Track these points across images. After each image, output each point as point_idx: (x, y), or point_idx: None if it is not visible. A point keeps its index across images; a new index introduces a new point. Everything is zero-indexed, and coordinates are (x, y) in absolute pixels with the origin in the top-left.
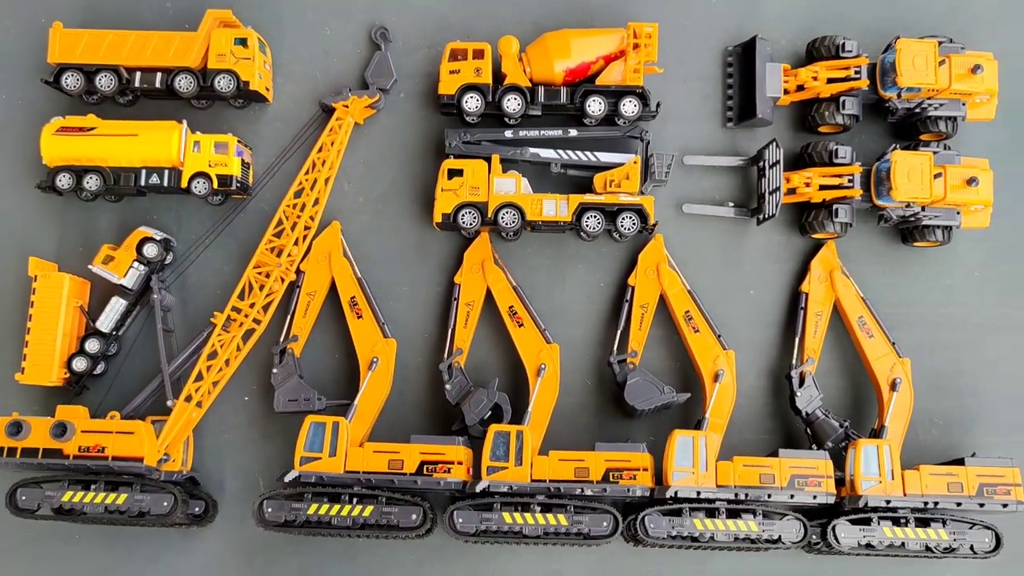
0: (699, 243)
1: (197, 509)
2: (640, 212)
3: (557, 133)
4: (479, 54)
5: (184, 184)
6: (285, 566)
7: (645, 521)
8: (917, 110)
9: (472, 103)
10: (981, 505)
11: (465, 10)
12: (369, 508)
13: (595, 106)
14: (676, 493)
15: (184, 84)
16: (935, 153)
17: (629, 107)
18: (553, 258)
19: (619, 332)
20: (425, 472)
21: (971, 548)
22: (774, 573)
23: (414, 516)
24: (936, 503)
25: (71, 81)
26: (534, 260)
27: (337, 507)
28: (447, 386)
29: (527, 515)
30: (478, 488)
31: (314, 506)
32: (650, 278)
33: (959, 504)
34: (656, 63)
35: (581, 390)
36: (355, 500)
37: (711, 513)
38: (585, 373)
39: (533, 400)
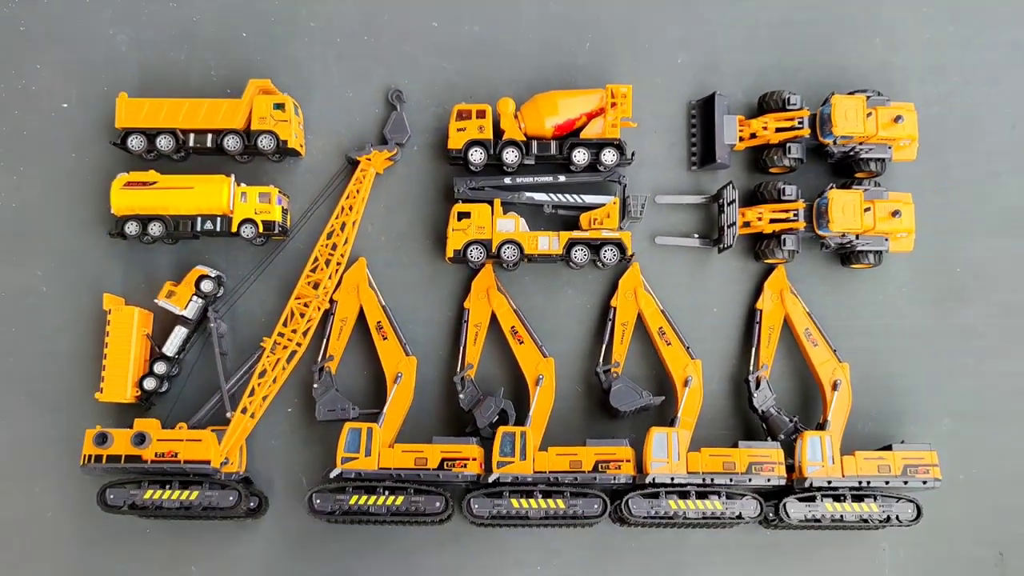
0: (670, 269)
1: (252, 504)
2: (620, 245)
3: (548, 179)
4: (481, 114)
5: (234, 229)
6: (327, 551)
7: (629, 503)
8: (851, 153)
9: (476, 156)
10: (905, 483)
11: (468, 73)
12: (400, 498)
13: (580, 156)
14: (654, 479)
15: (232, 143)
16: (866, 190)
17: (609, 156)
18: (547, 285)
19: (604, 346)
20: (445, 467)
21: (897, 518)
22: (736, 544)
23: (438, 504)
24: (868, 482)
25: (136, 143)
26: (531, 287)
27: (374, 498)
28: (460, 395)
29: (531, 500)
30: (490, 479)
31: (355, 497)
32: (629, 300)
33: (887, 483)
34: (631, 118)
35: (573, 396)
36: (388, 492)
37: (683, 495)
38: (576, 381)
39: (533, 405)
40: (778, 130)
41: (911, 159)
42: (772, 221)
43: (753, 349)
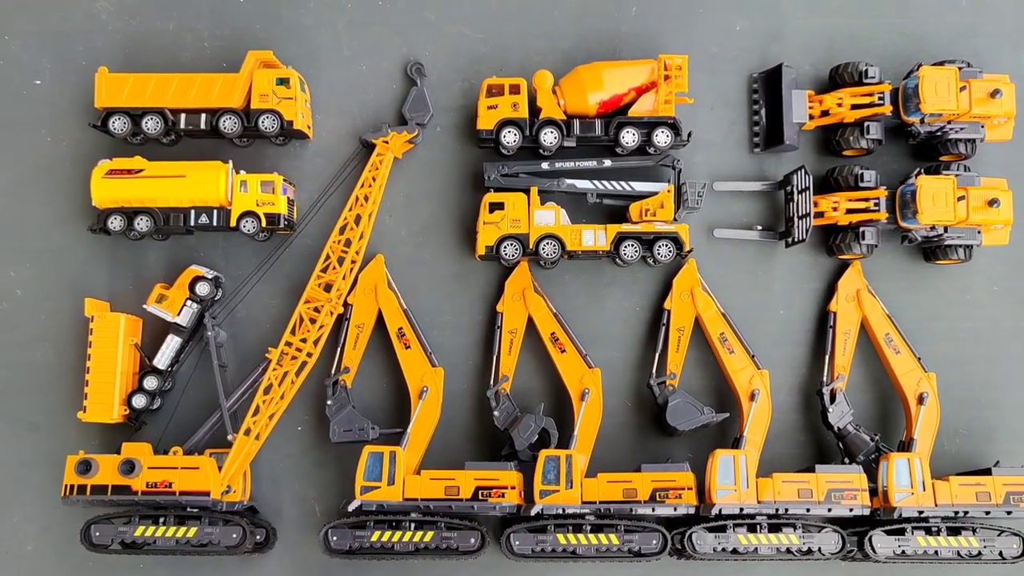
0: (730, 267)
1: (258, 537)
2: (675, 239)
3: (592, 164)
4: (515, 89)
5: (233, 223)
6: None
7: (692, 538)
8: (938, 133)
9: (510, 137)
10: (1008, 513)
11: (498, 43)
12: (430, 534)
13: (629, 137)
14: (721, 510)
15: (229, 125)
16: (957, 175)
17: (662, 137)
18: (590, 284)
19: (657, 355)
20: (480, 497)
21: (999, 554)
22: None
23: (472, 540)
24: (966, 512)
25: (118, 125)
26: (571, 287)
27: (399, 534)
28: (495, 412)
29: (580, 536)
30: (532, 512)
31: (376, 533)
32: (685, 302)
33: (987, 512)
34: (687, 93)
35: (622, 411)
36: (415, 526)
37: (753, 528)
38: (625, 395)
39: (579, 424)
40: (854, 107)
41: (1006, 139)
42: (849, 211)
43: (827, 357)
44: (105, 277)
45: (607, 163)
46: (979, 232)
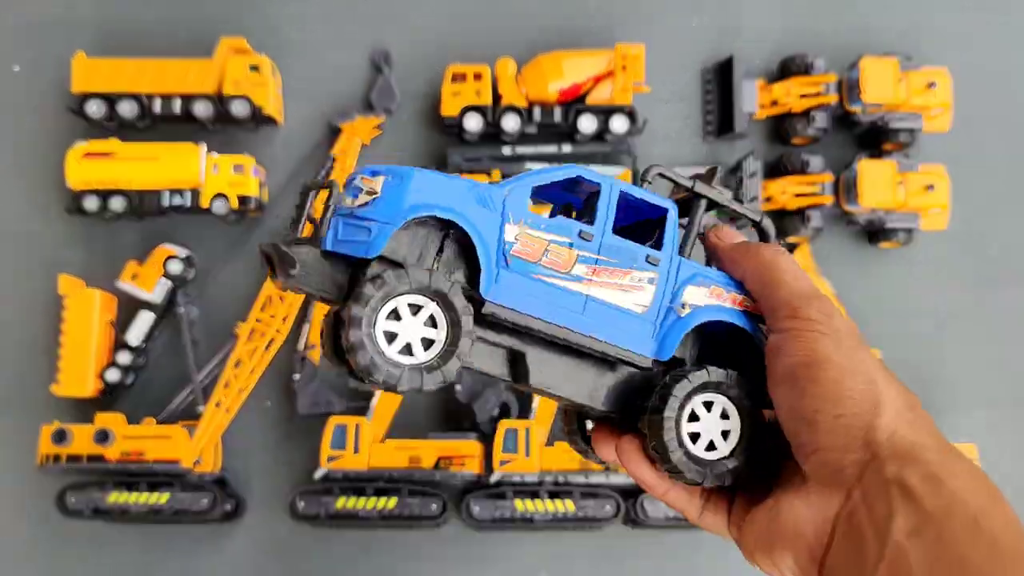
0: None
1: (228, 507)
2: None
3: (552, 149)
4: (479, 76)
5: (205, 204)
6: (311, 557)
7: (643, 505)
8: (880, 123)
9: (473, 123)
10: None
11: (463, 34)
12: (393, 500)
13: (587, 124)
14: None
15: (202, 110)
16: (898, 161)
17: (618, 124)
18: None
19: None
20: (442, 466)
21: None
22: None
23: (434, 506)
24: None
25: (95, 109)
26: None
27: (363, 500)
28: (457, 387)
29: (537, 502)
30: (492, 479)
31: (342, 499)
32: None
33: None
34: (643, 82)
35: None
36: (379, 493)
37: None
38: None
39: (538, 397)
40: (802, 96)
41: (943, 130)
42: (796, 196)
43: None
44: (80, 257)
45: (566, 148)
46: (919, 216)
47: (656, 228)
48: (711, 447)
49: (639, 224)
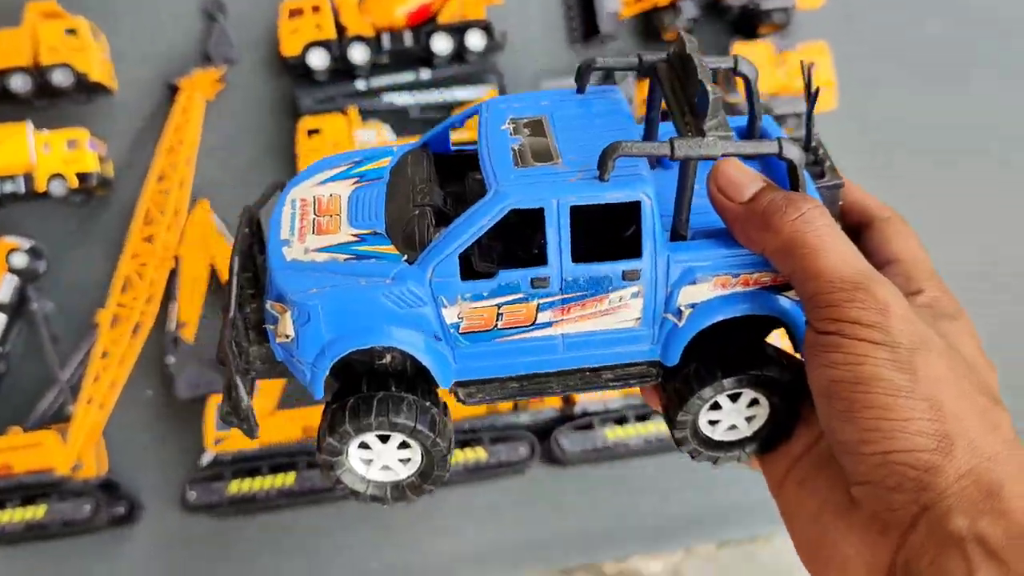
0: None
1: (121, 510)
2: None
3: (410, 77)
4: (317, 9)
5: (42, 188)
6: (218, 550)
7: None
8: (751, 5)
9: (318, 59)
10: None
11: None
12: (291, 475)
13: (441, 44)
14: (585, 410)
15: (20, 84)
16: (774, 44)
17: (475, 40)
18: None
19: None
20: None
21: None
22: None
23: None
24: None
25: None
26: None
27: (258, 480)
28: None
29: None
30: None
31: (235, 483)
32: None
33: None
34: None
35: None
36: (273, 470)
37: (620, 421)
38: None
39: None
40: None
41: (816, 6)
42: None
43: None
44: None
45: (425, 75)
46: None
47: (629, 216)
48: (733, 426)
49: (606, 211)
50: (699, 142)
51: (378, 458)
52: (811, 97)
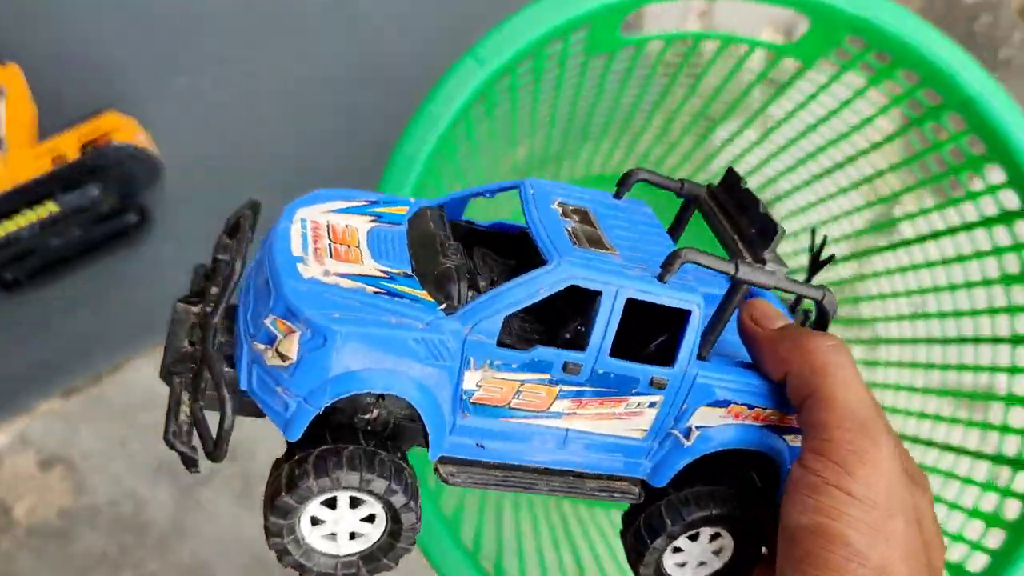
0: None
1: None
2: None
3: None
4: None
5: None
6: None
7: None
8: None
9: None
10: None
11: None
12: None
13: None
14: None
15: None
16: None
17: None
18: None
19: None
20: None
21: None
22: None
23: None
24: None
25: None
26: None
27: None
28: None
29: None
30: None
31: None
32: None
33: None
34: None
35: None
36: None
37: None
38: None
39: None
40: None
41: None
42: None
43: None
44: None
45: None
46: None
47: (669, 322)
48: (702, 563)
49: (645, 314)
50: (761, 269)
51: (334, 526)
52: (815, 265)
